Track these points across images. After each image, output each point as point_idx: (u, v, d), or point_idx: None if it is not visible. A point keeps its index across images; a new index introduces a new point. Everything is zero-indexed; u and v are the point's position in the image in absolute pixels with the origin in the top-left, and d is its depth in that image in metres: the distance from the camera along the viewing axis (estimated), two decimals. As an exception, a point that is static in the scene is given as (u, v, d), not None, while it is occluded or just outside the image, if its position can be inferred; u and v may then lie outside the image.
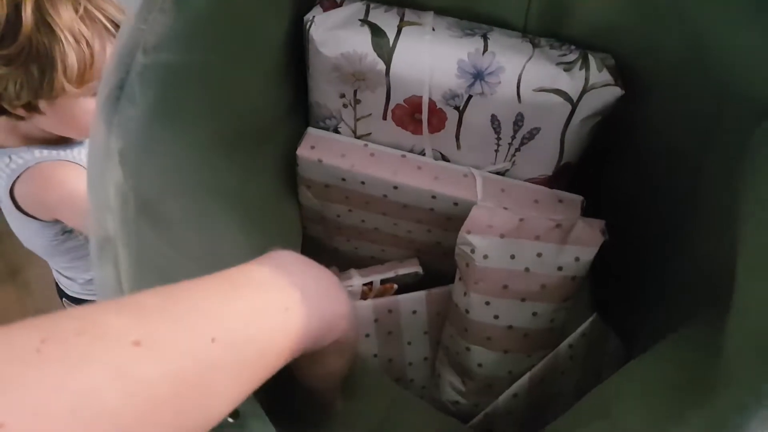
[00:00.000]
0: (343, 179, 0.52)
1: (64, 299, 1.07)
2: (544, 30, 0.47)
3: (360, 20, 0.47)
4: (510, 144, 0.49)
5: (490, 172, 0.51)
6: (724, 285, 0.33)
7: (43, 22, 0.70)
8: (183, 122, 0.38)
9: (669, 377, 0.36)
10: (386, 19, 0.47)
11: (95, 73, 0.75)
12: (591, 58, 0.45)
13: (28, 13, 0.69)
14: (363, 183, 0.51)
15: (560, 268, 0.47)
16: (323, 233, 0.59)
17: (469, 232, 0.47)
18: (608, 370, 0.50)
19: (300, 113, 0.54)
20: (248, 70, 0.44)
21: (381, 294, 0.56)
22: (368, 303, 0.54)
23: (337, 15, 0.47)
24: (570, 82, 0.45)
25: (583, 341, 0.50)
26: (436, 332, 0.55)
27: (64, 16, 0.71)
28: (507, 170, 0.51)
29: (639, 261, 0.52)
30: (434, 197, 0.50)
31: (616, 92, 0.45)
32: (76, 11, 0.72)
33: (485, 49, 0.45)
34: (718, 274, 0.36)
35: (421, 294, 0.55)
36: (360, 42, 0.46)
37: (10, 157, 0.83)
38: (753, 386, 0.26)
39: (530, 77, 0.45)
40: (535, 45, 0.46)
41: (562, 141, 0.48)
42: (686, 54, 0.40)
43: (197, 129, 0.39)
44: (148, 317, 0.24)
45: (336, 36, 0.46)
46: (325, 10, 0.47)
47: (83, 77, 0.74)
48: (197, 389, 0.24)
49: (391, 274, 0.56)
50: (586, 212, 0.50)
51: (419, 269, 0.57)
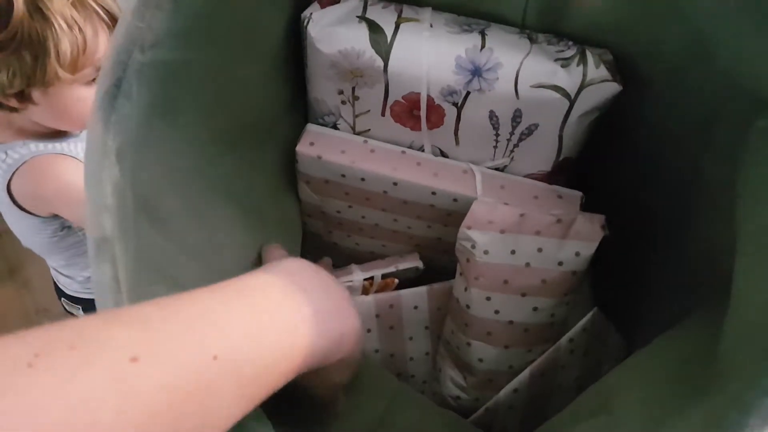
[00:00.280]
0: (343, 175, 0.52)
1: (63, 299, 1.06)
2: (542, 26, 0.47)
3: (358, 17, 0.47)
4: (508, 140, 0.49)
5: (489, 168, 0.51)
6: (723, 280, 0.33)
7: (36, 8, 0.69)
8: (181, 120, 0.37)
9: (669, 372, 0.36)
10: (384, 16, 0.47)
11: (88, 60, 0.75)
12: (589, 54, 0.45)
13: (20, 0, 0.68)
14: (363, 179, 0.51)
15: (561, 263, 0.47)
16: (323, 229, 0.59)
17: (470, 228, 0.47)
18: (608, 365, 0.50)
19: (299, 109, 0.54)
20: (247, 67, 0.44)
21: (382, 289, 0.56)
22: (370, 298, 0.54)
23: (335, 11, 0.47)
24: (568, 78, 0.45)
25: (584, 336, 0.50)
26: (438, 327, 0.55)
27: (56, 2, 0.70)
28: (506, 166, 0.51)
29: (638, 256, 0.52)
30: (434, 193, 0.50)
31: (614, 88, 0.45)
32: None
33: (483, 45, 0.45)
34: (717, 269, 0.36)
35: (423, 289, 0.55)
36: (358, 38, 0.46)
37: (6, 153, 0.82)
38: (752, 381, 0.26)
39: (528, 73, 0.45)
40: (533, 41, 0.46)
41: (561, 137, 0.48)
42: (685, 49, 0.40)
43: (196, 126, 0.39)
44: (148, 331, 0.23)
45: (333, 33, 0.46)
46: (323, 7, 0.47)
47: (76, 63, 0.73)
48: (195, 405, 0.23)
49: (392, 269, 0.56)
50: (585, 208, 0.50)
51: (420, 264, 0.57)
